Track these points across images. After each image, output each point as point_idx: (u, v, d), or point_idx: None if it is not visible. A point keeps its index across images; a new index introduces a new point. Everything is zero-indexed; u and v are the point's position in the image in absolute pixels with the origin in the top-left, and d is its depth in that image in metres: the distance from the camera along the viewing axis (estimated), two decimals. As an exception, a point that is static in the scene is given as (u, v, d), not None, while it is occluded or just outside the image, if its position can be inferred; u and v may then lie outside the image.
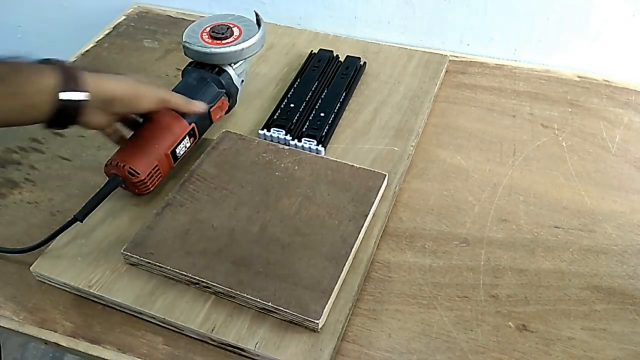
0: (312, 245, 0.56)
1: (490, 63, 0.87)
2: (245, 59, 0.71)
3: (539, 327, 0.54)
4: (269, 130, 0.71)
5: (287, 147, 0.67)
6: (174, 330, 0.54)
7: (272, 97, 0.78)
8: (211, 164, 0.65)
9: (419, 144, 0.72)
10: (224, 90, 0.69)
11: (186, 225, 0.58)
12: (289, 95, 0.76)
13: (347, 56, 0.82)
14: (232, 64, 0.70)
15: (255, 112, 0.76)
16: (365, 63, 0.83)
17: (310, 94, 0.76)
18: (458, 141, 0.73)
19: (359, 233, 0.58)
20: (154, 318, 0.54)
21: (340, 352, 0.52)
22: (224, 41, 0.69)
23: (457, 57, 0.88)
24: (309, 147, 0.69)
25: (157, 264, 0.55)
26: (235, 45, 0.69)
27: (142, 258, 0.55)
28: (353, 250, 0.56)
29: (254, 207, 0.60)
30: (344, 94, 0.76)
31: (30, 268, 0.58)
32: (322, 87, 0.77)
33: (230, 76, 0.70)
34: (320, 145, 0.69)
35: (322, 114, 0.72)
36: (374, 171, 0.64)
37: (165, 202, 0.61)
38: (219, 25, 0.71)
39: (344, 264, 0.55)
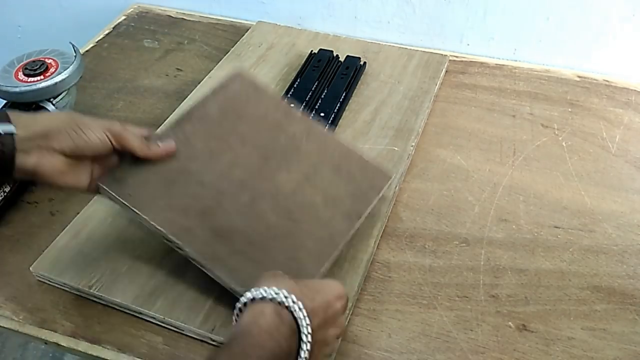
0: (298, 235, 0.53)
1: (490, 63, 0.87)
2: (65, 91, 0.70)
3: (539, 327, 0.54)
4: (269, 130, 0.71)
5: (300, 112, 0.62)
6: (174, 330, 0.54)
7: (272, 97, 0.78)
8: (215, 106, 0.59)
9: (419, 144, 0.72)
10: None
11: (173, 173, 0.54)
12: (289, 95, 0.76)
13: (347, 56, 0.82)
14: (52, 99, 0.69)
15: (255, 112, 0.76)
16: (365, 63, 0.83)
17: (310, 94, 0.76)
18: (458, 141, 0.73)
19: (348, 233, 0.55)
20: (154, 318, 0.54)
21: (340, 352, 0.52)
22: (39, 77, 0.68)
23: (457, 57, 0.88)
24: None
25: (134, 209, 0.51)
26: (48, 80, 0.67)
27: (118, 198, 0.52)
28: (337, 251, 0.54)
29: (250, 172, 0.56)
30: (344, 94, 0.76)
31: (31, 268, 0.57)
32: (322, 87, 0.77)
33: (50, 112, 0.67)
34: (320, 145, 0.69)
35: (322, 114, 0.72)
36: (382, 170, 0.61)
37: (157, 136, 0.55)
38: (32, 62, 0.70)
39: (324, 264, 0.52)
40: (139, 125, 0.76)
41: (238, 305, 0.44)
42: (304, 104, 0.74)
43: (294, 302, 0.42)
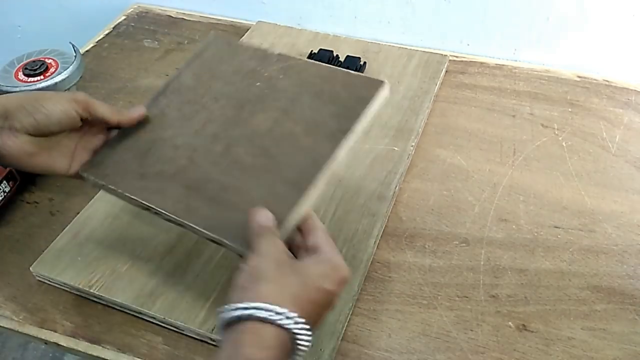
0: (276, 168, 0.48)
1: (490, 63, 0.87)
2: (65, 91, 0.70)
3: (539, 327, 0.54)
4: (269, 130, 0.70)
5: (276, 53, 0.57)
6: (174, 330, 0.54)
7: (272, 97, 0.78)
8: (190, 75, 0.57)
9: (419, 144, 0.72)
10: None
11: (148, 144, 0.53)
12: (289, 95, 0.76)
13: (347, 56, 0.82)
14: None
15: (255, 112, 0.76)
16: (365, 63, 0.83)
17: (310, 94, 0.76)
18: (458, 141, 0.73)
19: (333, 152, 0.47)
20: (154, 318, 0.54)
21: (340, 352, 0.52)
22: (39, 77, 0.68)
23: (457, 57, 0.88)
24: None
25: (111, 187, 0.51)
26: (48, 80, 0.68)
27: (97, 180, 0.51)
28: (322, 174, 0.47)
29: (224, 124, 0.52)
30: (344, 94, 0.76)
31: (31, 268, 0.57)
32: (322, 87, 0.77)
33: None
34: (320, 145, 0.68)
35: (322, 114, 0.72)
36: (372, 79, 0.52)
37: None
38: (32, 62, 0.70)
39: (305, 191, 0.46)
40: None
41: (231, 314, 0.38)
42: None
43: (297, 323, 0.38)
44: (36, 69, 0.69)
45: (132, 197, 0.50)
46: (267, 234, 0.43)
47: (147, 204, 0.49)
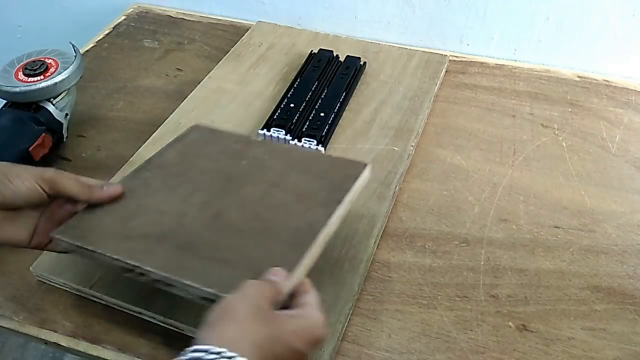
0: (272, 231, 0.48)
1: (490, 63, 0.87)
2: (65, 91, 0.71)
3: (539, 327, 0.54)
4: (268, 130, 0.71)
5: (260, 139, 0.60)
6: (174, 330, 0.54)
7: (272, 97, 0.78)
8: (173, 153, 0.58)
9: (419, 144, 0.72)
10: (43, 128, 0.67)
11: (131, 209, 0.52)
12: (289, 95, 0.76)
13: (347, 56, 0.82)
14: (52, 99, 0.69)
15: (255, 112, 0.76)
16: (365, 63, 0.83)
17: (310, 94, 0.76)
18: (458, 141, 0.73)
19: (328, 219, 0.49)
20: (154, 318, 0.54)
21: (340, 352, 0.52)
22: (39, 77, 0.68)
23: (457, 57, 0.88)
24: (309, 147, 0.69)
25: (88, 247, 0.48)
26: (48, 80, 0.68)
27: (71, 242, 0.48)
28: (320, 237, 0.47)
29: (212, 193, 0.53)
30: (344, 94, 0.76)
31: (31, 268, 0.58)
32: (322, 87, 0.77)
33: (50, 112, 0.69)
34: (320, 145, 0.69)
35: (322, 114, 0.72)
36: (355, 161, 0.56)
37: (106, 183, 0.54)
38: (32, 62, 0.70)
39: (306, 251, 0.46)
40: (138, 126, 0.77)
41: (188, 356, 0.36)
42: (304, 104, 0.74)
43: None
44: (36, 69, 0.69)
45: (115, 257, 0.47)
46: (260, 281, 0.42)
47: (134, 263, 0.46)
